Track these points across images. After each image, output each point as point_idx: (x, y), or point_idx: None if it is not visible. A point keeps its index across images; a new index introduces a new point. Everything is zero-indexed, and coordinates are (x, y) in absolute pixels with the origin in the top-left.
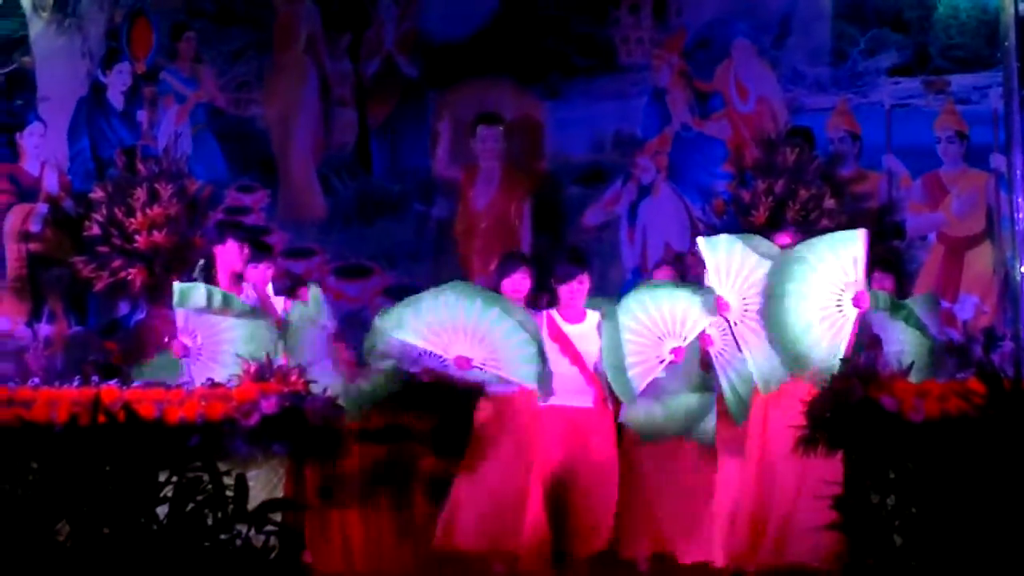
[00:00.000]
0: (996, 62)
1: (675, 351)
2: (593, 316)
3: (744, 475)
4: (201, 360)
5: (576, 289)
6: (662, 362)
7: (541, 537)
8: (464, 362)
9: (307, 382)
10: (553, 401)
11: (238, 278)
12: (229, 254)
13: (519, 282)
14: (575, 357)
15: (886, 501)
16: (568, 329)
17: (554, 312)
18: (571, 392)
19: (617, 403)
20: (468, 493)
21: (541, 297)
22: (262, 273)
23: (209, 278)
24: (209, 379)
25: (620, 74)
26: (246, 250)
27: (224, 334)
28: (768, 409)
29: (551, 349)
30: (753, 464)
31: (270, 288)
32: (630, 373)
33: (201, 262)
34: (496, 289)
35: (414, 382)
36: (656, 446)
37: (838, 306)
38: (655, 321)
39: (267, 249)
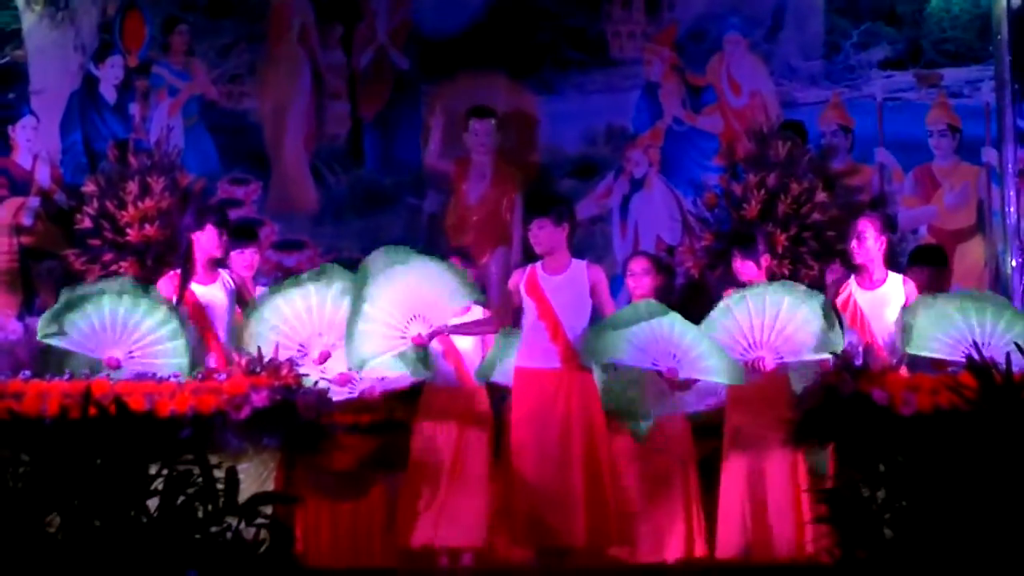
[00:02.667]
0: (988, 56)
1: (670, 371)
2: (578, 267)
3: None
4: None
5: (535, 235)
6: (655, 366)
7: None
8: (344, 379)
9: (298, 376)
10: (521, 363)
11: (215, 264)
12: (208, 240)
13: None
14: (545, 310)
15: (876, 494)
16: (544, 280)
17: (538, 264)
18: (537, 352)
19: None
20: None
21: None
22: (248, 259)
23: (188, 266)
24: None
25: (612, 68)
26: (224, 236)
27: (152, 347)
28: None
29: (527, 305)
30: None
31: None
32: (616, 341)
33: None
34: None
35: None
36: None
37: None
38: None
39: (251, 234)
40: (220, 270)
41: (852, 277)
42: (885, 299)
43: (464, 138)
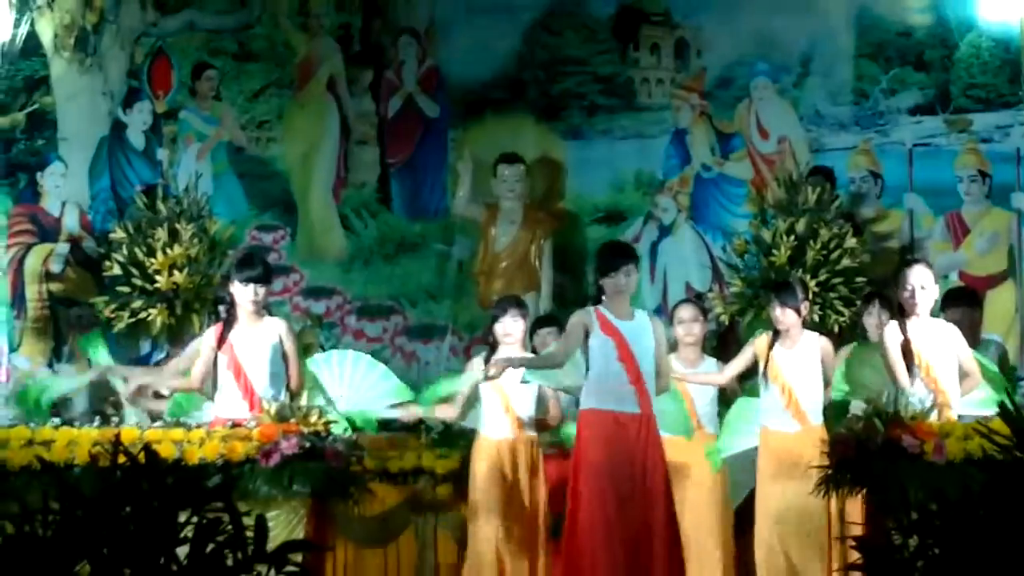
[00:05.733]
0: (1018, 101)
1: None
2: (642, 316)
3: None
4: None
5: (624, 282)
6: None
7: None
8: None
9: (327, 423)
10: (595, 405)
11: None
12: (245, 295)
13: (510, 325)
14: (625, 352)
15: (908, 542)
16: (620, 325)
17: (603, 308)
18: (616, 395)
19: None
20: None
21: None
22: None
23: (230, 314)
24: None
25: (641, 114)
26: (262, 291)
27: None
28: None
29: (602, 345)
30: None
31: None
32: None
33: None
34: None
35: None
36: None
37: None
38: None
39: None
40: (266, 318)
41: (905, 324)
42: (939, 339)
43: (493, 184)
